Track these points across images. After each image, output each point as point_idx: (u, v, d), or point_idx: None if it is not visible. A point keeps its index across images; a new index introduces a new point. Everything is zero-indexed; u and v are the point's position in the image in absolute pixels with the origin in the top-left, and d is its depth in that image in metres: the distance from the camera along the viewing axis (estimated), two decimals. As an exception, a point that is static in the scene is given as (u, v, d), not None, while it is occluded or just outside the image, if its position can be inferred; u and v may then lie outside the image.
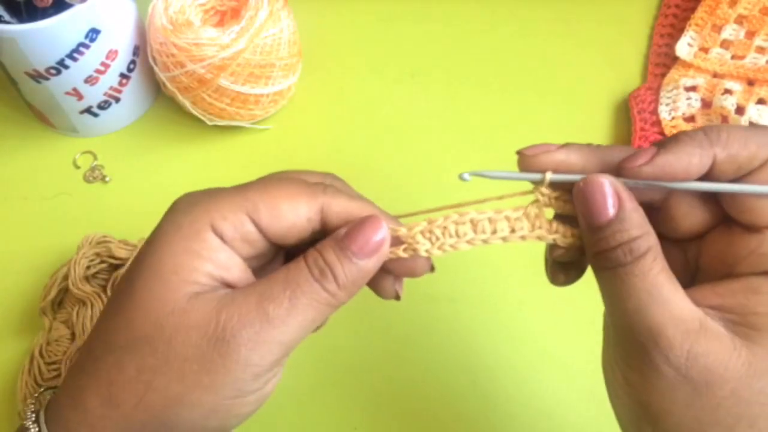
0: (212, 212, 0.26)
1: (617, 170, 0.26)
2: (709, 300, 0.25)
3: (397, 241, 0.28)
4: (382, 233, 0.27)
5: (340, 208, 0.27)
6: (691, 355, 0.24)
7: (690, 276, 0.28)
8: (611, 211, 0.25)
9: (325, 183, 0.28)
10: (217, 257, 0.26)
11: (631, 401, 0.26)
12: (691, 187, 0.26)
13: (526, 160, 0.27)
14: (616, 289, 0.25)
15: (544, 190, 0.27)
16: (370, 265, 0.27)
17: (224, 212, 0.26)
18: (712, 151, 0.25)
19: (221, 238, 0.26)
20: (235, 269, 0.26)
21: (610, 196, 0.25)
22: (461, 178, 0.27)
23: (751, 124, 0.50)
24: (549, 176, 0.26)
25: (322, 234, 0.27)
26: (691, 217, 0.27)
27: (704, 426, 0.24)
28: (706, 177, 0.25)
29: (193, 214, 0.26)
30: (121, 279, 0.28)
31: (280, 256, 0.31)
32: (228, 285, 0.26)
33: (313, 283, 0.26)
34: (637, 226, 0.25)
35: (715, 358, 0.24)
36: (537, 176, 0.27)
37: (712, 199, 0.27)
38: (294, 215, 0.26)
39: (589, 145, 0.27)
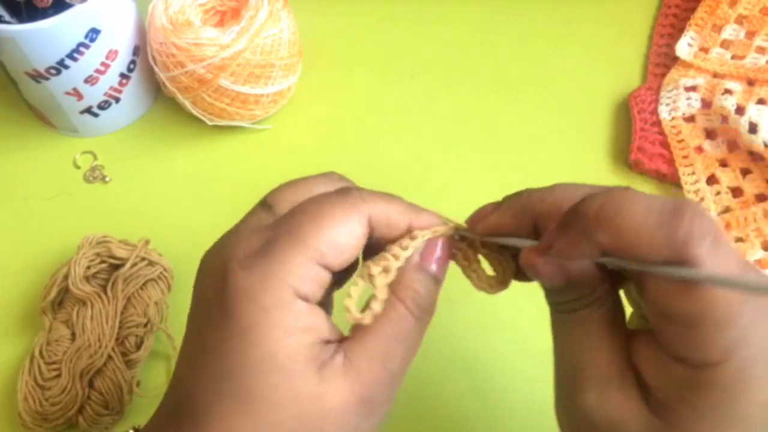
0: (288, 279, 0.24)
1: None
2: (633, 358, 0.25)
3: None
4: (447, 246, 0.28)
5: (381, 213, 0.27)
6: (599, 401, 0.24)
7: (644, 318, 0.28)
8: (562, 280, 0.25)
9: (350, 186, 0.28)
10: (310, 323, 0.25)
11: None
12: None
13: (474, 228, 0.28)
14: (559, 328, 0.27)
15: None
16: (445, 270, 0.28)
17: (300, 274, 0.25)
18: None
19: (306, 299, 0.25)
20: (323, 324, 0.26)
21: (558, 272, 0.25)
22: None
23: (751, 125, 0.51)
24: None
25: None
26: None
27: None
28: None
29: (271, 289, 0.24)
30: (209, 377, 0.25)
31: None
32: (325, 340, 0.26)
33: (417, 324, 0.27)
34: (585, 286, 0.25)
35: (620, 413, 0.24)
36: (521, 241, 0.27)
37: None
38: (354, 240, 0.26)
39: (512, 204, 0.28)
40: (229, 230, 0.28)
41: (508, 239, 0.27)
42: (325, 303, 0.27)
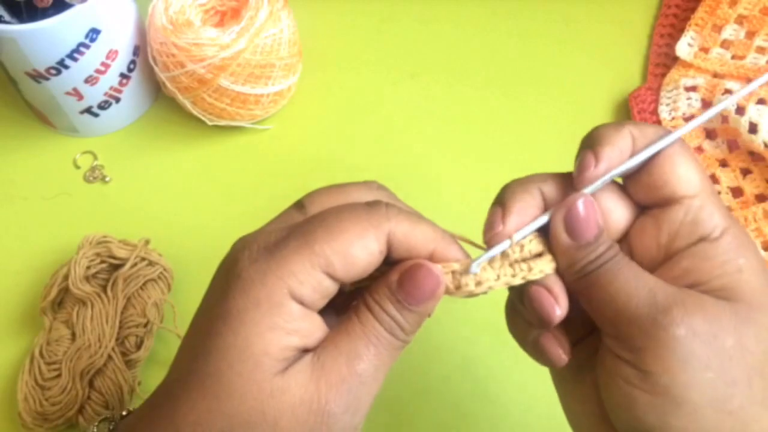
0: (286, 278, 0.24)
1: (573, 186, 0.28)
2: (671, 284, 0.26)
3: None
4: (433, 280, 0.26)
5: (402, 235, 0.26)
6: (691, 309, 0.25)
7: None
8: (599, 226, 0.27)
9: (381, 201, 0.27)
10: (301, 327, 0.25)
11: (646, 398, 0.25)
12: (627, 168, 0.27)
13: (494, 239, 0.28)
14: (606, 285, 0.26)
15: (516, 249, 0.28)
16: (429, 307, 0.27)
17: (300, 276, 0.24)
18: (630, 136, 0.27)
19: (302, 303, 0.25)
20: (317, 331, 0.26)
21: (596, 214, 0.27)
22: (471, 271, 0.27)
23: (751, 125, 0.51)
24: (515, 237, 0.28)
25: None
26: (612, 223, 0.28)
27: (727, 387, 0.24)
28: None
29: (267, 285, 0.24)
30: (190, 354, 0.26)
31: None
32: (307, 349, 0.26)
33: (388, 335, 0.26)
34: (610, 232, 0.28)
35: (711, 310, 0.25)
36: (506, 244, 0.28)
37: (625, 194, 0.29)
38: (368, 256, 0.25)
39: (525, 193, 0.29)
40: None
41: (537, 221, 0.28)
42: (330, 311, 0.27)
